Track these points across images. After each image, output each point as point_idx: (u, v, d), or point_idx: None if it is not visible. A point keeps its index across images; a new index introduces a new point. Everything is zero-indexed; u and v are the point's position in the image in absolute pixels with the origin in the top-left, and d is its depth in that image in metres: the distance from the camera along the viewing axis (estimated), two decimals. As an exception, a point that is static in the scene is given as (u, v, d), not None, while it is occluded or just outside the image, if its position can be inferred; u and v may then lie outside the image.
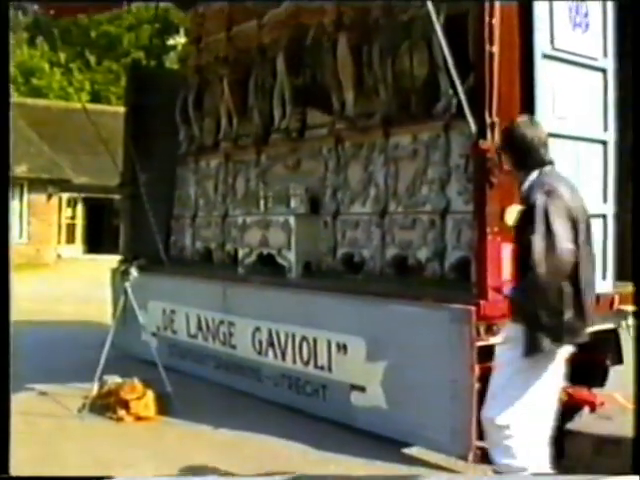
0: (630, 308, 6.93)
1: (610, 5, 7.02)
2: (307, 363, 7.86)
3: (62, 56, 43.65)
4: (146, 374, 8.43)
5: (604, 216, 7.00)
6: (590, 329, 5.05)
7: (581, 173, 6.77)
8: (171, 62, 41.32)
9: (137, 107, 11.70)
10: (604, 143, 7.01)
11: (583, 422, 6.68)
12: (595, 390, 7.11)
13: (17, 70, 45.82)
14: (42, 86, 47.69)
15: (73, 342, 11.80)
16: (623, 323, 7.32)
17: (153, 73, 13.74)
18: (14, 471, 4.76)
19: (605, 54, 7.04)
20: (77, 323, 13.91)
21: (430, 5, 6.26)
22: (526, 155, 4.99)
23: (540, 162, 4.99)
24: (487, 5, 6.28)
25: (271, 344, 8.34)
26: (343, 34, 8.78)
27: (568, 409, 6.69)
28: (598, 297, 6.85)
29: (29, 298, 15.14)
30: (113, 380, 8.20)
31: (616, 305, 7.09)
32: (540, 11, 6.48)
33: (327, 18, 9.05)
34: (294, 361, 8.03)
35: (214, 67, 11.08)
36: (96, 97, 47.29)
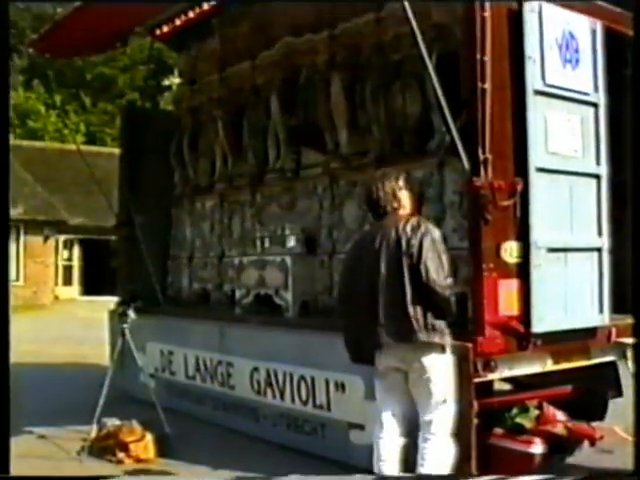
0: (629, 340, 6.95)
1: (600, 41, 7.08)
2: (305, 402, 7.84)
3: (57, 98, 43.82)
4: (145, 415, 8.41)
5: (599, 249, 7.00)
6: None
7: (575, 207, 6.81)
8: (166, 102, 41.39)
9: (132, 148, 11.73)
10: (597, 177, 7.03)
11: (583, 456, 6.68)
12: (595, 423, 7.11)
13: (13, 112, 45.94)
14: (38, 128, 47.80)
15: (71, 384, 11.78)
16: (622, 356, 7.33)
17: (148, 114, 13.76)
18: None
19: (596, 89, 7.08)
20: (74, 365, 13.87)
21: (421, 44, 6.30)
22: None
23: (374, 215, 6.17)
24: (478, 42, 6.33)
25: (269, 384, 8.32)
26: (336, 74, 8.84)
27: (568, 443, 6.70)
28: (595, 330, 6.93)
29: (26, 340, 15.08)
30: (112, 422, 8.17)
31: (614, 338, 7.10)
32: (531, 47, 6.54)
33: (319, 58, 9.11)
34: (292, 401, 8.01)
35: (208, 108, 11.12)
36: (91, 138, 47.41)
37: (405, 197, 6.08)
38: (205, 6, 10.28)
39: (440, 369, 5.72)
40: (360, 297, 5.86)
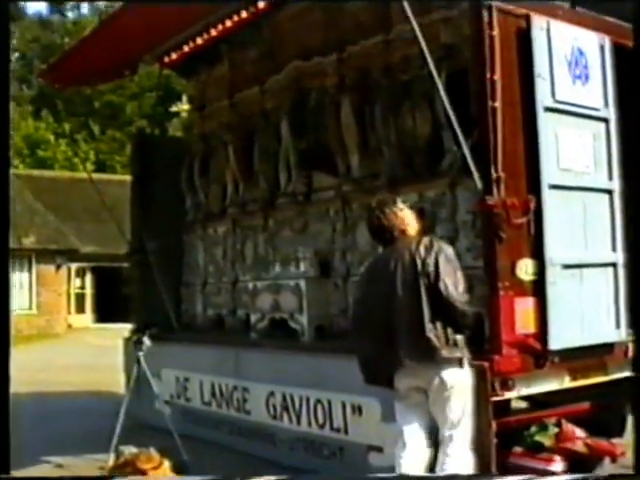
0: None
1: (608, 56, 7.08)
2: (323, 426, 7.81)
3: (67, 127, 44.01)
4: (161, 442, 8.36)
5: (614, 265, 6.98)
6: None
7: (589, 223, 6.80)
8: (174, 129, 41.57)
9: (143, 176, 11.75)
10: (610, 192, 7.02)
11: (605, 473, 6.62)
12: (615, 440, 7.06)
13: (23, 142, 46.25)
14: (47, 157, 48.00)
15: (86, 412, 11.74)
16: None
17: (158, 141, 13.81)
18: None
19: (606, 104, 7.08)
20: (89, 393, 13.84)
21: (431, 64, 6.31)
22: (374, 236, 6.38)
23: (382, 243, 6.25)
24: (487, 61, 6.34)
25: (285, 408, 8.30)
26: (345, 96, 8.85)
27: (589, 460, 6.65)
28: (612, 346, 6.89)
29: (40, 368, 15.11)
30: (129, 450, 8.14)
31: (631, 353, 7.06)
32: (540, 65, 6.54)
33: (329, 81, 9.13)
34: (309, 424, 7.98)
35: (218, 134, 11.14)
36: (101, 166, 47.58)
37: (408, 216, 6.10)
38: (213, 32, 10.31)
39: (460, 384, 5.72)
40: (376, 321, 5.86)
